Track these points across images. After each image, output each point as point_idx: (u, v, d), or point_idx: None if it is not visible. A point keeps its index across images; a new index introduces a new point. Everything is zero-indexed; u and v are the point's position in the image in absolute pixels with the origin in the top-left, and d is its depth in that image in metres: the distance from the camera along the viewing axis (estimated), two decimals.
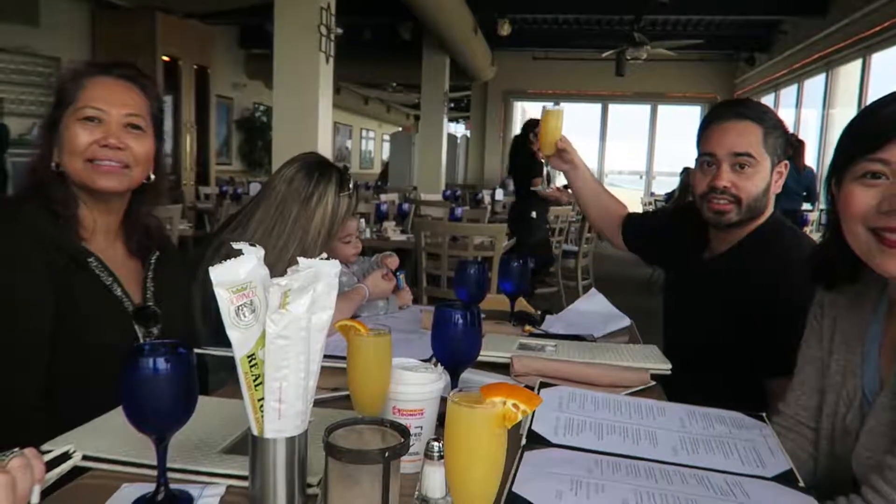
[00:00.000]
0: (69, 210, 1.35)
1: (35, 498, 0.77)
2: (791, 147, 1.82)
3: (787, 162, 1.70)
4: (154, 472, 0.90)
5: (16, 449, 0.83)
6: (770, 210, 1.72)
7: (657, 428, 1.20)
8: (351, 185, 1.85)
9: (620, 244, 2.13)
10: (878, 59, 7.99)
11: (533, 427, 1.16)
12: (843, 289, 1.21)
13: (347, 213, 1.86)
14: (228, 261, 0.80)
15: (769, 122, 1.66)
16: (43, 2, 7.70)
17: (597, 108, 14.78)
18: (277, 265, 0.78)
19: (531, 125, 6.46)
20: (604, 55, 11.20)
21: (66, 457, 0.96)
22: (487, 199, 8.46)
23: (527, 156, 6.40)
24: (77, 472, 0.97)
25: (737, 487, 1.00)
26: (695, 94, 13.63)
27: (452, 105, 13.79)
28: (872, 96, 7.94)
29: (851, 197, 1.05)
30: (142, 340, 1.30)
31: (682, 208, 2.05)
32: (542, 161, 6.91)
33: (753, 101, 1.79)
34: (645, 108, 14.59)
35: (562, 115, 1.99)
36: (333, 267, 0.83)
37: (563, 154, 2.02)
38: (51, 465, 0.90)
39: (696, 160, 1.74)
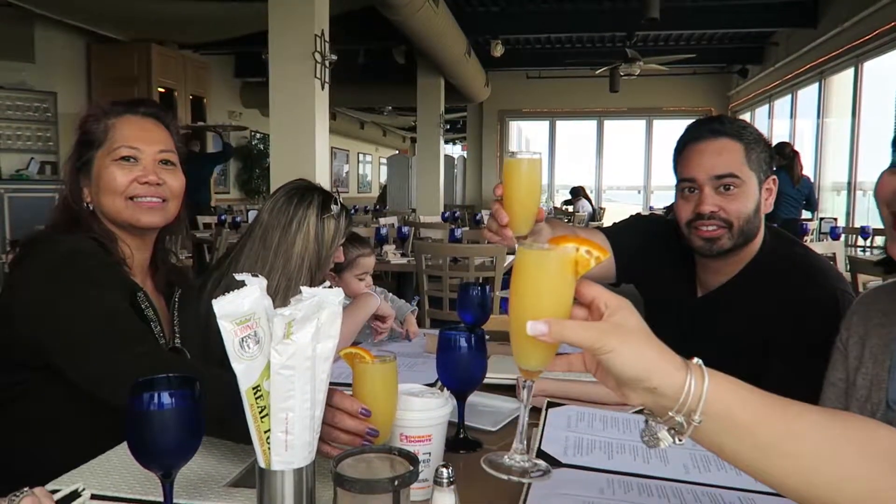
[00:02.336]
0: (115, 245, 1.37)
1: None
2: (786, 158, 1.65)
3: (774, 177, 1.58)
4: None
5: (26, 489, 0.82)
6: (762, 234, 1.59)
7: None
8: (334, 207, 1.76)
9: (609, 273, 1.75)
10: (870, 66, 8.04)
11: (542, 447, 1.15)
12: (877, 303, 1.21)
13: (337, 235, 1.77)
14: (231, 293, 0.80)
15: (749, 137, 1.54)
16: (38, 38, 7.77)
17: (592, 124, 14.85)
18: None
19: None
20: (597, 72, 11.28)
21: (75, 495, 0.95)
22: (487, 219, 8.46)
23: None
24: None
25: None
26: (689, 108, 13.69)
27: (448, 127, 13.84)
28: (866, 104, 8.03)
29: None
30: None
31: (658, 231, 1.79)
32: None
33: (729, 118, 1.64)
34: (640, 123, 14.66)
35: (539, 169, 1.14)
36: (337, 295, 0.83)
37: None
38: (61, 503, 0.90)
39: (676, 186, 1.61)
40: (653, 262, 1.76)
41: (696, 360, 0.69)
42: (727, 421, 0.67)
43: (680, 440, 0.69)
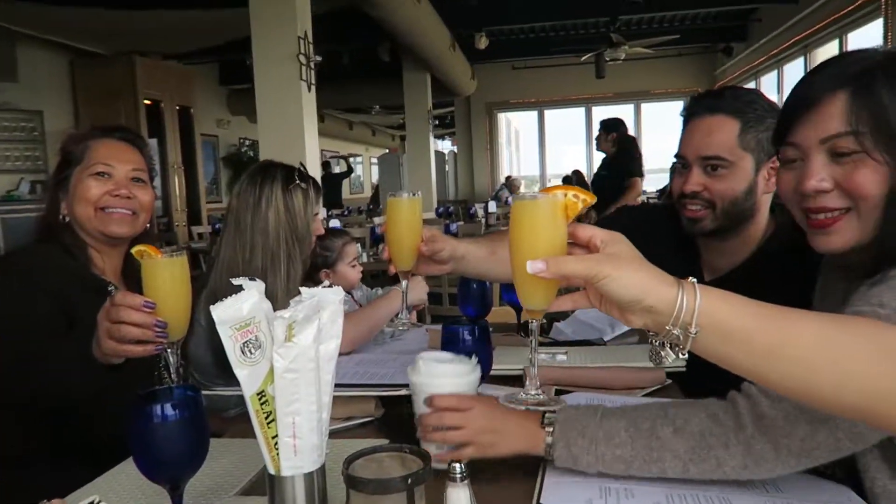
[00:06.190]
0: (84, 252, 1.49)
1: None
2: None
3: None
4: None
5: (43, 501, 0.82)
6: (765, 214, 1.51)
7: None
8: (298, 177, 1.79)
9: None
10: (854, 37, 8.04)
11: None
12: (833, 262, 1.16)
13: (308, 204, 1.79)
14: (229, 298, 0.78)
15: (752, 113, 1.44)
16: (20, 56, 7.69)
17: (580, 111, 14.83)
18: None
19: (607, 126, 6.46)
20: (583, 59, 11.25)
21: None
22: (481, 212, 8.46)
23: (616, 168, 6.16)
24: None
25: (769, 483, 0.98)
26: (676, 90, 13.69)
27: (437, 122, 13.81)
28: None
29: (779, 181, 1.09)
30: (172, 378, 1.27)
31: (649, 218, 1.74)
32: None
33: (738, 90, 1.53)
34: (628, 108, 14.63)
35: (419, 207, 1.23)
36: (337, 294, 0.81)
37: (435, 256, 1.29)
38: None
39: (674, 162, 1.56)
40: (648, 249, 1.70)
41: (691, 279, 0.75)
42: (722, 330, 0.72)
43: (682, 353, 0.74)
